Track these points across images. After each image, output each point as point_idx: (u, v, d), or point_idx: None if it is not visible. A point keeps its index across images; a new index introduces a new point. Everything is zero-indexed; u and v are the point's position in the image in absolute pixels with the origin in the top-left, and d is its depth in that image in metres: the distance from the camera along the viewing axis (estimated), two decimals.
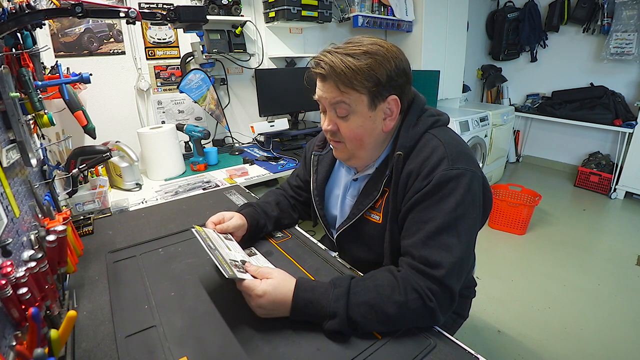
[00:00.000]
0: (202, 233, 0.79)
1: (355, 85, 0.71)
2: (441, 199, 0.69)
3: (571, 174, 3.75)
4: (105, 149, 1.10)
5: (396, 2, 2.64)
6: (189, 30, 1.03)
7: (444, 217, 0.67)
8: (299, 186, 1.07)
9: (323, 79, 0.75)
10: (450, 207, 0.68)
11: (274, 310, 0.65)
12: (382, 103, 0.74)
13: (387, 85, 0.72)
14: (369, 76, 0.70)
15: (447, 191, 0.68)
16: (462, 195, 0.68)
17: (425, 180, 0.70)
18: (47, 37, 1.57)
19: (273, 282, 0.65)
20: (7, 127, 0.71)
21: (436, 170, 0.70)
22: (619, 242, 2.52)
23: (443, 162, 0.70)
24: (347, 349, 0.60)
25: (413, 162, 0.74)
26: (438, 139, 0.75)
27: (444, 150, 0.72)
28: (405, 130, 0.77)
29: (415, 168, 0.73)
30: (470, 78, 4.20)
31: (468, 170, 0.70)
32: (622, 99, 3.28)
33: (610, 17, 3.21)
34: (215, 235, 0.82)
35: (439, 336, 0.63)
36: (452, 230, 0.67)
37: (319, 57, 0.74)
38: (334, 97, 0.74)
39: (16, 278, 0.50)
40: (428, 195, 0.70)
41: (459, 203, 0.68)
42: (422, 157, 0.73)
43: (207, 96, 1.95)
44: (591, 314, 1.81)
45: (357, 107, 0.74)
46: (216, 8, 1.87)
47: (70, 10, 0.76)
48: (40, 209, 0.79)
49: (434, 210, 0.69)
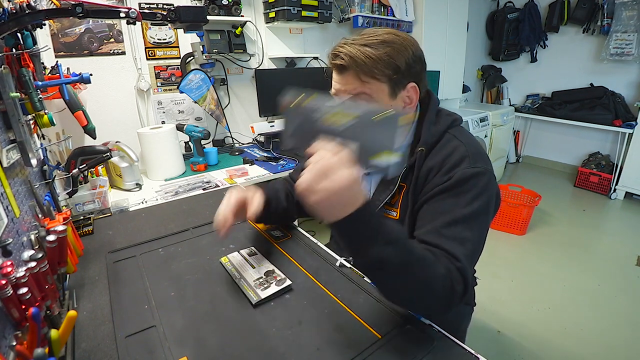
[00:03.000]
0: (227, 265, 0.84)
1: (376, 74, 0.71)
2: (460, 193, 0.69)
3: (571, 174, 3.75)
4: (106, 149, 1.10)
5: (396, 3, 2.64)
6: (189, 30, 1.04)
7: (461, 210, 0.68)
8: None
9: (342, 71, 0.74)
10: (467, 201, 0.68)
11: (341, 194, 0.50)
12: (402, 91, 0.76)
13: (406, 73, 0.74)
14: (388, 64, 0.71)
15: (467, 187, 0.69)
16: (480, 193, 0.69)
17: (446, 175, 0.71)
18: (48, 37, 1.57)
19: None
20: (7, 127, 0.71)
21: (458, 167, 0.71)
22: (619, 242, 2.52)
23: (465, 160, 0.72)
24: (347, 349, 0.59)
25: (434, 159, 0.75)
26: (458, 139, 0.76)
27: (466, 150, 0.73)
28: (427, 127, 0.78)
29: (436, 164, 0.74)
30: (470, 78, 4.20)
31: (488, 170, 0.72)
32: (622, 100, 3.28)
33: (610, 18, 3.21)
34: (239, 259, 0.86)
35: (439, 336, 0.63)
36: (467, 224, 0.67)
37: (336, 50, 0.73)
38: (355, 89, 0.74)
39: (16, 278, 0.50)
40: (447, 189, 0.70)
41: (476, 199, 0.68)
42: (444, 155, 0.74)
43: (207, 96, 1.95)
44: (591, 314, 1.81)
45: (378, 97, 0.74)
46: (216, 8, 1.88)
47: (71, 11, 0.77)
48: (40, 209, 0.79)
49: (451, 202, 0.69)
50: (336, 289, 0.75)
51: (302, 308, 0.70)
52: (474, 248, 0.67)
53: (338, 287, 0.76)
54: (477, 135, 2.94)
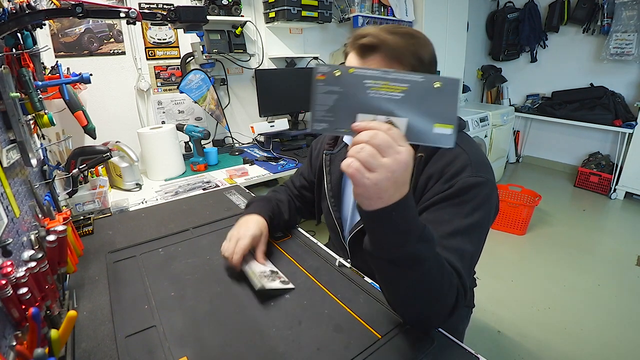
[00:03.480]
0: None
1: (403, 60, 0.69)
2: (461, 203, 0.67)
3: (571, 174, 3.75)
4: (106, 149, 1.10)
5: (396, 3, 2.64)
6: (189, 30, 1.03)
7: (461, 221, 0.66)
8: (304, 186, 1.06)
9: (367, 53, 0.71)
10: (468, 212, 0.66)
11: (400, 173, 0.46)
12: None
13: (426, 68, 0.72)
14: (414, 54, 0.70)
15: (469, 197, 0.67)
16: (481, 204, 0.67)
17: (447, 184, 0.69)
18: (48, 37, 1.57)
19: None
20: (7, 127, 0.71)
21: (459, 175, 0.68)
22: (619, 242, 2.52)
23: (467, 169, 0.69)
24: (347, 349, 0.59)
25: (434, 166, 0.72)
26: (461, 146, 0.73)
27: (468, 158, 0.71)
28: None
29: (436, 171, 0.72)
30: (470, 78, 4.20)
31: (490, 180, 0.70)
32: (622, 100, 3.28)
33: (610, 18, 3.21)
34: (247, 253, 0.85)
35: (439, 336, 0.63)
36: (467, 236, 0.65)
37: (361, 32, 0.71)
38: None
39: (16, 278, 0.50)
40: (448, 198, 0.68)
41: (477, 210, 0.66)
42: (445, 162, 0.72)
43: (207, 96, 1.95)
44: (591, 314, 1.81)
45: None
46: (216, 8, 1.88)
47: (71, 11, 0.76)
48: (40, 209, 0.79)
49: (452, 212, 0.67)
50: (336, 289, 0.75)
51: (302, 308, 0.70)
52: (472, 262, 0.67)
53: (338, 287, 0.76)
54: (477, 135, 2.94)
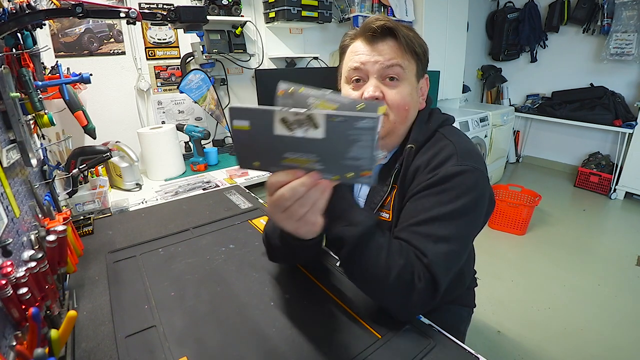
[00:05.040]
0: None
1: (415, 48, 0.72)
2: (442, 191, 0.66)
3: (571, 174, 3.75)
4: (106, 149, 1.10)
5: (396, 3, 2.64)
6: (189, 30, 1.03)
7: (441, 208, 0.64)
8: None
9: (382, 38, 0.72)
10: (449, 199, 0.65)
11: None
12: (422, 78, 0.77)
13: (425, 61, 0.76)
14: (420, 45, 0.73)
15: (450, 185, 0.66)
16: (465, 191, 0.66)
17: (431, 173, 0.69)
18: (48, 37, 1.57)
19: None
20: (7, 127, 0.71)
21: (444, 165, 0.68)
22: (619, 242, 2.52)
23: (452, 158, 0.69)
24: (347, 349, 0.60)
25: (421, 158, 0.73)
26: (448, 138, 0.74)
27: (454, 148, 0.71)
28: (418, 125, 0.77)
29: (423, 163, 0.72)
30: (470, 78, 4.20)
31: (476, 168, 0.69)
32: (622, 100, 3.28)
33: (610, 18, 3.21)
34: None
35: (439, 336, 0.63)
36: (446, 222, 0.64)
37: (372, 19, 0.72)
38: (391, 58, 0.71)
39: (16, 278, 0.50)
40: (430, 186, 0.68)
41: (461, 197, 0.65)
42: (431, 153, 0.72)
43: (207, 96, 1.95)
44: (591, 314, 1.81)
45: (408, 74, 0.73)
46: (216, 8, 1.87)
47: (71, 11, 0.76)
48: (40, 209, 0.79)
49: (432, 200, 0.66)
50: (336, 289, 0.75)
51: (302, 308, 0.70)
52: (452, 248, 0.63)
53: (338, 287, 0.76)
54: (477, 135, 2.94)
